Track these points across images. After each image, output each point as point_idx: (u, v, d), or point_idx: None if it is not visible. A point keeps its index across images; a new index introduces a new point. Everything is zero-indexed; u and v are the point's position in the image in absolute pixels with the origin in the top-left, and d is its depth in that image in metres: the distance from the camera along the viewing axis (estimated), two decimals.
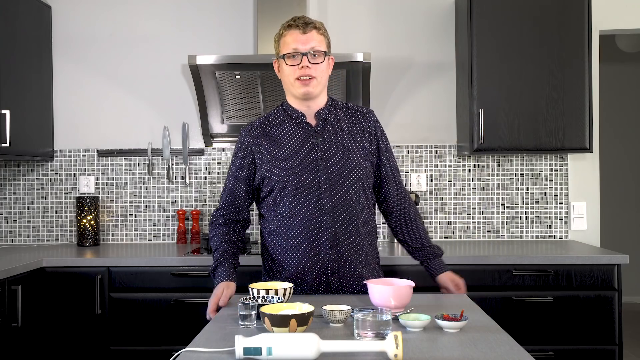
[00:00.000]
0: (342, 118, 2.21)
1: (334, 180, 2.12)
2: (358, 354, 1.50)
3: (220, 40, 3.73)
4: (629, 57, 6.19)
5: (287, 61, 2.11)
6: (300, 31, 2.10)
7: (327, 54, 2.14)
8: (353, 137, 2.19)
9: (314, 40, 2.11)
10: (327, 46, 2.16)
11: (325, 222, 2.12)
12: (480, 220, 3.70)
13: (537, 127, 3.33)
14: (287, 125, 2.19)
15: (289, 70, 2.12)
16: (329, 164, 2.13)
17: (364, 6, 3.73)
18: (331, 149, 2.15)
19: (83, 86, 3.78)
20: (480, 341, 1.60)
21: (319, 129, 2.17)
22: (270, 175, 2.15)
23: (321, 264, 2.14)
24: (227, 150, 3.74)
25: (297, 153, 2.14)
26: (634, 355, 4.55)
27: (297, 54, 2.09)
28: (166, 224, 3.75)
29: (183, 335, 3.03)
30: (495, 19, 3.33)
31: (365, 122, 2.23)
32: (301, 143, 2.16)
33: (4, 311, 2.74)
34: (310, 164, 2.13)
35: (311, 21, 2.13)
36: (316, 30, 2.12)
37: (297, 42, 2.10)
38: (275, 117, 2.23)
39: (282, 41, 2.14)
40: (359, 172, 2.16)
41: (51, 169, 3.78)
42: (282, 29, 2.16)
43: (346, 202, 2.13)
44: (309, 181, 2.12)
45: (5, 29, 3.26)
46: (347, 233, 2.14)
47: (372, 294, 1.90)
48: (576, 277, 3.04)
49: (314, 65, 2.10)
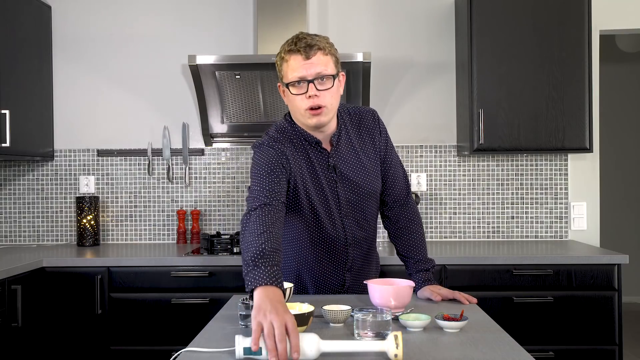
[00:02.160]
0: (352, 133, 2.09)
1: (345, 208, 2.08)
2: (358, 354, 1.50)
3: (220, 40, 3.73)
4: (629, 57, 6.19)
5: (292, 90, 1.93)
6: (303, 56, 1.90)
7: (336, 76, 1.96)
8: (365, 156, 2.09)
9: (320, 64, 1.91)
10: (336, 64, 1.96)
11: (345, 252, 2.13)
12: (480, 220, 3.70)
13: (537, 127, 3.33)
14: (304, 147, 2.03)
15: (296, 100, 1.93)
16: (339, 193, 2.06)
17: (364, 6, 3.73)
18: (345, 176, 2.06)
19: (83, 86, 3.78)
20: (480, 341, 1.60)
21: (334, 156, 2.05)
22: (295, 195, 2.02)
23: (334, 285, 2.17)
24: (227, 150, 3.74)
25: (316, 178, 2.03)
26: (634, 355, 4.55)
27: (303, 82, 1.91)
28: (166, 224, 3.75)
29: (183, 335, 3.04)
30: (495, 19, 3.33)
31: (372, 129, 2.12)
32: (319, 168, 2.04)
33: (4, 311, 2.74)
34: (325, 191, 2.04)
35: (314, 42, 1.91)
36: (321, 51, 1.91)
37: (302, 69, 1.90)
38: (292, 135, 2.04)
39: (284, 66, 1.94)
40: (374, 192, 2.12)
41: (51, 169, 3.78)
42: (283, 51, 1.94)
43: (361, 228, 2.13)
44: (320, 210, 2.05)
45: (5, 29, 3.26)
46: (360, 256, 2.17)
47: (372, 294, 1.90)
48: (576, 277, 3.04)
49: (322, 92, 1.91)
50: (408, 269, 2.19)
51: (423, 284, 2.13)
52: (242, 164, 3.74)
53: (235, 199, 3.74)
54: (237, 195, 3.74)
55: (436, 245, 3.50)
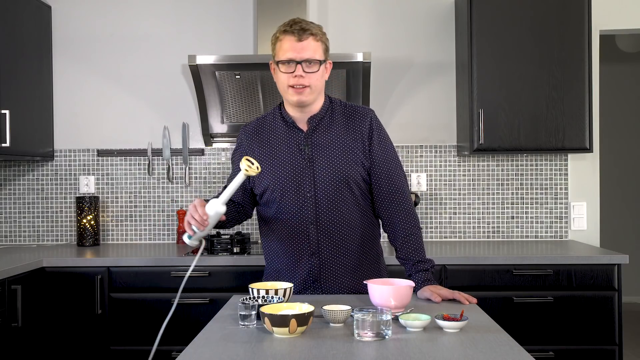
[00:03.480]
0: (337, 121, 2.17)
1: (319, 189, 2.11)
2: (358, 354, 1.50)
3: (220, 40, 3.73)
4: (629, 57, 6.19)
5: (282, 68, 2.07)
6: (296, 38, 2.05)
7: (323, 62, 2.09)
8: (344, 142, 2.13)
9: (310, 48, 2.05)
10: (325, 52, 2.10)
11: (308, 231, 2.12)
12: (480, 220, 3.70)
13: (537, 127, 3.33)
14: (280, 129, 2.18)
15: (283, 77, 2.08)
16: (315, 173, 2.11)
17: (364, 6, 3.73)
18: (319, 156, 2.12)
19: (83, 86, 3.78)
20: (480, 341, 1.60)
21: (309, 136, 2.14)
22: (259, 180, 2.15)
23: (303, 271, 2.15)
24: (227, 150, 3.74)
25: (285, 160, 2.13)
26: (634, 355, 4.55)
27: (292, 62, 2.05)
28: (166, 224, 3.75)
29: (183, 335, 3.03)
30: (495, 19, 3.33)
31: (362, 124, 2.16)
32: (290, 150, 2.14)
33: (4, 311, 2.74)
34: (296, 172, 2.12)
35: (308, 27, 2.07)
36: (313, 37, 2.06)
37: (292, 50, 2.05)
38: (271, 119, 2.21)
39: (277, 45, 2.09)
40: (346, 179, 2.11)
41: (51, 169, 3.78)
42: (278, 32, 2.10)
43: (331, 210, 2.12)
44: (294, 189, 2.11)
45: (5, 29, 3.26)
46: (330, 241, 2.13)
47: (372, 294, 1.90)
48: (576, 277, 3.04)
49: (308, 74, 2.06)
50: (407, 271, 2.17)
51: (423, 284, 2.12)
52: None
53: None
54: None
55: (436, 245, 3.50)
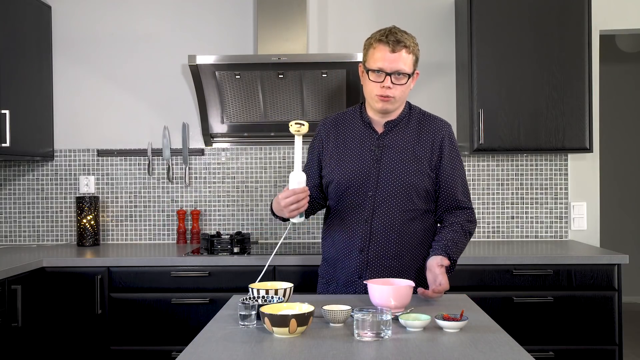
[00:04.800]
0: (411, 127, 2.23)
1: (380, 190, 2.17)
2: (358, 354, 1.50)
3: (220, 40, 3.73)
4: (629, 57, 6.19)
5: (371, 76, 2.14)
6: (390, 49, 2.10)
7: (411, 75, 2.16)
8: (413, 150, 2.19)
9: (401, 61, 2.11)
10: (414, 63, 2.17)
11: (361, 229, 2.18)
12: (480, 220, 3.70)
13: (537, 127, 3.33)
14: (357, 127, 2.25)
15: (372, 85, 2.15)
16: (380, 175, 2.18)
17: (364, 6, 3.73)
18: (386, 159, 2.19)
19: (83, 86, 3.78)
20: (480, 341, 1.60)
21: (382, 138, 2.21)
22: (327, 171, 2.25)
23: (351, 266, 2.20)
24: (227, 150, 3.74)
25: (355, 157, 2.21)
26: (634, 355, 4.55)
27: (382, 72, 2.11)
28: (166, 224, 3.75)
29: (183, 335, 3.04)
30: (495, 19, 3.33)
31: (435, 134, 2.22)
32: (362, 149, 2.21)
33: (4, 311, 2.74)
34: (363, 171, 2.19)
35: (402, 39, 2.12)
36: (406, 49, 2.12)
37: (384, 61, 2.10)
38: (351, 116, 2.29)
39: (370, 52, 2.15)
40: (407, 186, 2.16)
41: (51, 169, 3.78)
42: (373, 39, 2.15)
43: (388, 212, 2.17)
44: (357, 187, 2.18)
45: (5, 29, 3.26)
46: (380, 241, 2.17)
47: (372, 294, 1.90)
48: (576, 277, 3.04)
49: (395, 86, 2.13)
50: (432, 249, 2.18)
51: (434, 252, 2.14)
52: (242, 164, 3.73)
53: (235, 199, 3.74)
54: (237, 195, 3.74)
55: None
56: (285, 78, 3.32)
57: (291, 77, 3.33)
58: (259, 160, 3.73)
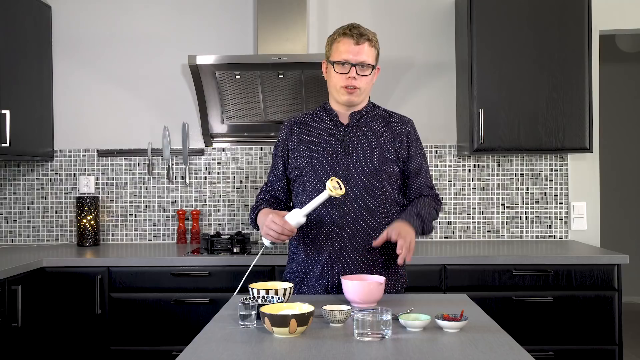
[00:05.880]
0: (376, 121, 2.29)
1: (352, 177, 2.19)
2: (358, 354, 1.50)
3: (220, 40, 3.73)
4: (629, 57, 6.19)
5: (336, 68, 2.20)
6: (354, 41, 2.18)
7: (374, 67, 2.23)
8: (381, 139, 2.25)
9: (365, 53, 2.19)
10: (376, 57, 2.24)
11: (334, 215, 2.18)
12: (480, 220, 3.70)
13: (537, 127, 3.33)
14: (323, 122, 2.30)
15: (337, 77, 2.21)
16: (350, 162, 2.20)
17: (364, 6, 3.73)
18: (355, 147, 2.23)
19: (83, 86, 3.78)
20: (480, 341, 1.61)
21: (349, 128, 2.26)
22: (295, 166, 2.27)
23: (324, 254, 2.20)
24: (227, 150, 3.74)
25: (322, 147, 2.24)
26: (634, 355, 4.55)
27: (347, 64, 2.18)
28: (166, 224, 3.75)
29: (183, 335, 3.04)
30: (495, 19, 3.33)
31: (400, 129, 2.29)
32: (329, 139, 2.25)
33: (4, 311, 2.74)
34: (332, 159, 2.22)
35: (365, 33, 2.20)
36: (369, 42, 2.20)
37: (349, 53, 2.18)
38: (314, 115, 2.34)
39: (334, 47, 2.22)
40: (379, 172, 2.21)
41: (51, 169, 3.78)
42: (336, 34, 2.23)
43: (360, 199, 2.19)
44: (325, 175, 2.18)
45: (5, 29, 3.26)
46: (354, 228, 2.18)
47: (344, 289, 1.98)
48: (576, 277, 3.04)
49: (360, 77, 2.19)
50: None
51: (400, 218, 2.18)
52: (242, 164, 3.73)
53: (235, 199, 3.74)
54: (237, 195, 3.74)
55: (436, 245, 3.50)
56: (285, 78, 3.32)
57: (291, 77, 3.33)
58: (259, 160, 3.73)
